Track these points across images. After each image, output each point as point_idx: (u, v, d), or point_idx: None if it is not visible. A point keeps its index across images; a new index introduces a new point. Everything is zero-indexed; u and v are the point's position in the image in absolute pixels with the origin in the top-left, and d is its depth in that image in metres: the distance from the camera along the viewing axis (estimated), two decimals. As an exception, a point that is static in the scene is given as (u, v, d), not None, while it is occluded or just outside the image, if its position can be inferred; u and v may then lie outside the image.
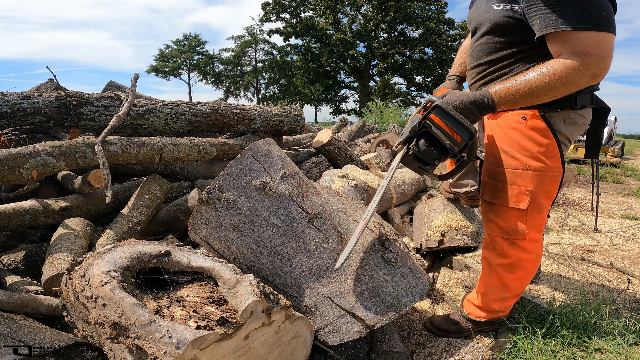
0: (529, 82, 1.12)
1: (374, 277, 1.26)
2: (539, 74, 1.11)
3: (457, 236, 2.18)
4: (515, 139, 1.29)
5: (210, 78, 36.15)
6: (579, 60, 1.05)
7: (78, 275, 1.02)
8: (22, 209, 1.99)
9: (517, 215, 1.29)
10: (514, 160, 1.29)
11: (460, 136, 1.14)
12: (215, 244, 1.29)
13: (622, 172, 7.18)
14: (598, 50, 1.04)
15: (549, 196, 1.29)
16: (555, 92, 1.11)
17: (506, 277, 1.37)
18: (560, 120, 1.27)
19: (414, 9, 26.60)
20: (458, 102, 1.18)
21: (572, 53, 1.07)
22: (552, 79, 1.09)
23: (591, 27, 1.04)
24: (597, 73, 1.06)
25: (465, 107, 1.17)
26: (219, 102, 3.25)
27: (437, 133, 1.16)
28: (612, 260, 2.36)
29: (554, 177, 1.26)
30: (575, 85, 1.09)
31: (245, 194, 1.29)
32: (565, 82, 1.08)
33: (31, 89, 3.64)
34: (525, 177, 1.27)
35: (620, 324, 1.43)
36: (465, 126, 1.14)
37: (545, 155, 1.25)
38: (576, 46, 1.06)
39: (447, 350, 1.45)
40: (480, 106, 1.17)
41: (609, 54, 1.06)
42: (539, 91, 1.11)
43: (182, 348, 0.81)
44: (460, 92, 1.21)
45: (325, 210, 1.35)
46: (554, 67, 1.09)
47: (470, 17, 1.45)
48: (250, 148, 1.34)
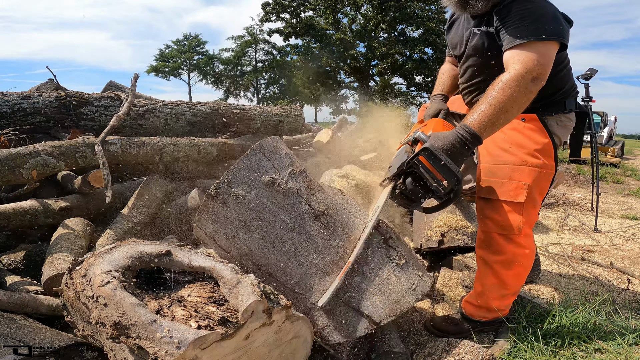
0: (493, 101, 1.16)
1: (379, 275, 1.27)
2: (497, 90, 1.17)
3: (457, 236, 2.18)
4: (515, 137, 1.38)
5: (210, 78, 36.14)
6: (521, 65, 1.16)
7: (79, 275, 1.02)
8: (22, 209, 1.99)
9: (514, 209, 1.35)
10: (512, 156, 1.36)
11: (447, 180, 1.15)
12: (222, 240, 1.29)
13: (622, 172, 7.19)
14: (538, 57, 1.16)
15: (542, 192, 1.39)
16: (518, 102, 1.17)
17: (503, 274, 1.39)
18: (554, 123, 1.41)
19: (414, 9, 26.59)
20: (446, 144, 1.17)
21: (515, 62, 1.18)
22: (508, 91, 1.15)
23: (533, 38, 1.18)
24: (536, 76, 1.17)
25: (453, 148, 1.17)
26: (219, 102, 3.26)
27: (424, 175, 1.18)
28: (612, 260, 2.37)
29: (548, 175, 1.36)
30: (528, 90, 1.16)
31: (254, 190, 1.29)
32: (519, 89, 1.15)
33: (31, 89, 3.64)
34: (523, 172, 1.34)
35: (620, 324, 1.43)
36: (453, 172, 1.14)
37: (541, 153, 1.35)
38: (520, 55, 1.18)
39: (447, 350, 1.44)
40: (466, 142, 1.18)
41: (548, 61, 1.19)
42: (506, 106, 1.16)
43: (183, 348, 0.81)
44: (444, 134, 1.21)
45: (331, 207, 1.36)
46: (504, 79, 1.17)
47: (453, 40, 1.56)
48: (259, 144, 1.36)
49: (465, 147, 1.17)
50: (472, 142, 1.17)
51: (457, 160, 1.17)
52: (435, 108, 1.60)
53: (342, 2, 28.23)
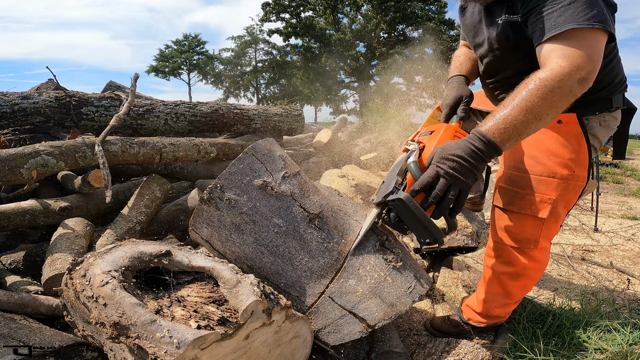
0: (524, 104, 0.92)
1: (375, 277, 1.26)
2: (530, 91, 0.93)
3: (457, 236, 2.18)
4: (547, 144, 1.19)
5: (210, 78, 36.20)
6: (567, 62, 0.93)
7: (79, 275, 1.02)
8: (22, 209, 1.99)
9: (534, 223, 1.21)
10: (540, 166, 1.19)
11: (421, 238, 0.99)
12: (217, 243, 1.29)
13: (622, 172, 7.18)
14: (588, 51, 0.93)
15: (567, 206, 1.23)
16: (556, 108, 0.93)
17: (509, 285, 1.32)
18: (597, 124, 1.20)
19: (414, 9, 26.61)
20: (455, 164, 0.93)
21: (559, 57, 0.94)
22: (547, 93, 0.92)
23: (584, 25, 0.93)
24: (584, 76, 0.93)
25: (461, 169, 0.92)
26: (219, 102, 3.26)
27: (401, 225, 1.03)
28: (612, 260, 2.37)
29: (577, 187, 1.19)
30: (572, 94, 0.93)
31: (247, 194, 1.29)
32: (561, 92, 0.92)
33: (31, 89, 3.64)
34: (550, 184, 1.18)
35: (620, 324, 1.43)
36: (429, 230, 0.96)
37: (575, 162, 1.16)
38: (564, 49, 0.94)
39: (447, 350, 1.45)
40: (480, 155, 0.93)
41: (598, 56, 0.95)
42: (541, 112, 0.92)
43: (182, 348, 0.81)
44: (450, 144, 0.97)
45: (326, 210, 1.35)
46: (542, 77, 0.93)
47: (467, 27, 1.32)
48: (251, 148, 1.34)
49: (480, 160, 0.93)
50: (487, 155, 0.93)
51: (472, 176, 0.94)
52: (455, 96, 1.28)
53: (342, 2, 28.24)
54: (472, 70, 1.39)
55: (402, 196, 0.96)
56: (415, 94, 12.27)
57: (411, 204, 0.95)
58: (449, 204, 0.94)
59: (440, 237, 0.97)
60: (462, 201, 0.95)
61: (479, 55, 1.30)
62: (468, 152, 0.93)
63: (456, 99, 1.27)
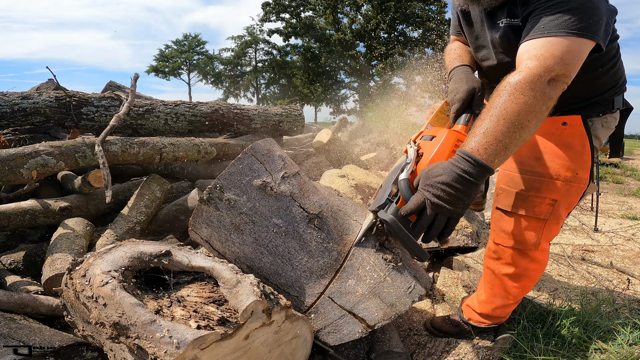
0: (501, 114, 0.88)
1: (375, 278, 1.26)
2: (505, 97, 0.89)
3: (457, 236, 2.18)
4: (551, 146, 1.18)
5: (210, 78, 36.19)
6: (535, 63, 0.90)
7: (79, 275, 1.02)
8: (22, 209, 1.99)
9: (535, 225, 1.21)
10: (543, 168, 1.18)
11: (410, 254, 1.00)
12: (216, 243, 1.29)
13: (622, 172, 7.18)
14: (561, 53, 0.91)
15: (569, 208, 1.23)
16: (536, 113, 0.89)
17: (510, 286, 1.32)
18: (600, 125, 1.21)
19: (414, 9, 26.61)
20: (441, 192, 0.86)
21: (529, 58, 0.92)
22: (521, 97, 0.88)
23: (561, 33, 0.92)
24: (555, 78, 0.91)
25: (448, 198, 0.86)
26: (219, 102, 3.26)
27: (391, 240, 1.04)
28: (612, 260, 2.36)
29: (579, 189, 1.19)
30: (546, 97, 0.90)
31: (246, 194, 1.29)
32: (534, 95, 0.88)
33: (31, 89, 3.64)
34: (553, 186, 1.17)
35: (621, 324, 1.43)
36: (415, 252, 0.94)
37: (578, 165, 1.16)
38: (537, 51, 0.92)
39: (447, 350, 1.45)
40: (470, 178, 0.86)
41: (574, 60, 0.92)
42: (521, 119, 0.87)
43: (182, 348, 0.81)
44: (436, 169, 0.90)
45: (326, 210, 1.35)
46: (512, 82, 0.90)
47: (469, 30, 1.29)
48: (251, 148, 1.34)
49: (469, 186, 0.86)
50: (477, 177, 0.86)
51: (466, 200, 0.88)
52: (467, 89, 1.18)
53: (342, 2, 28.25)
54: (472, 62, 1.34)
55: (388, 218, 0.94)
56: (415, 94, 12.28)
57: (396, 227, 0.92)
58: (437, 232, 0.90)
59: (424, 259, 0.95)
60: (451, 228, 0.90)
61: (481, 58, 1.29)
62: (454, 178, 0.86)
63: (468, 93, 1.17)
